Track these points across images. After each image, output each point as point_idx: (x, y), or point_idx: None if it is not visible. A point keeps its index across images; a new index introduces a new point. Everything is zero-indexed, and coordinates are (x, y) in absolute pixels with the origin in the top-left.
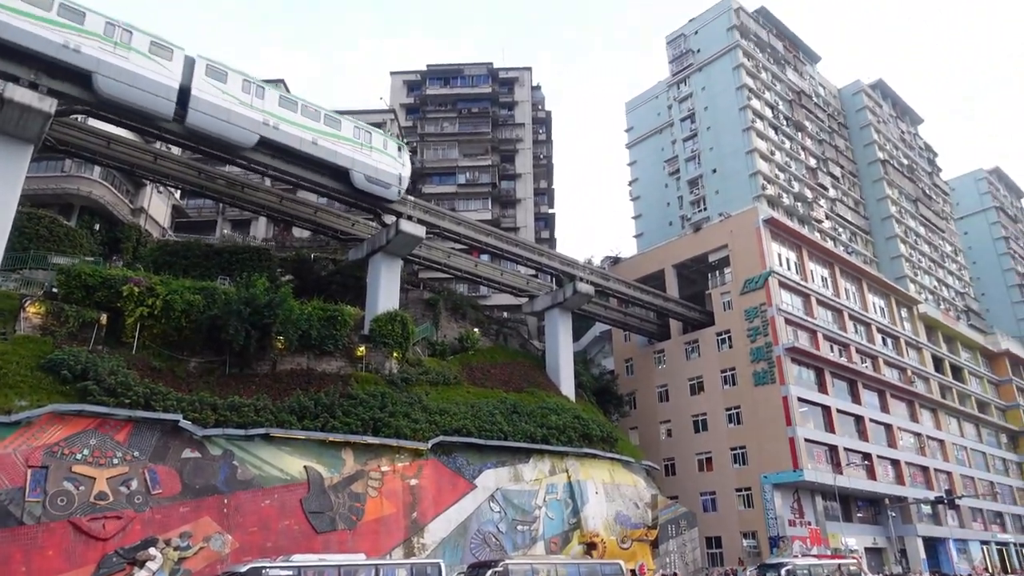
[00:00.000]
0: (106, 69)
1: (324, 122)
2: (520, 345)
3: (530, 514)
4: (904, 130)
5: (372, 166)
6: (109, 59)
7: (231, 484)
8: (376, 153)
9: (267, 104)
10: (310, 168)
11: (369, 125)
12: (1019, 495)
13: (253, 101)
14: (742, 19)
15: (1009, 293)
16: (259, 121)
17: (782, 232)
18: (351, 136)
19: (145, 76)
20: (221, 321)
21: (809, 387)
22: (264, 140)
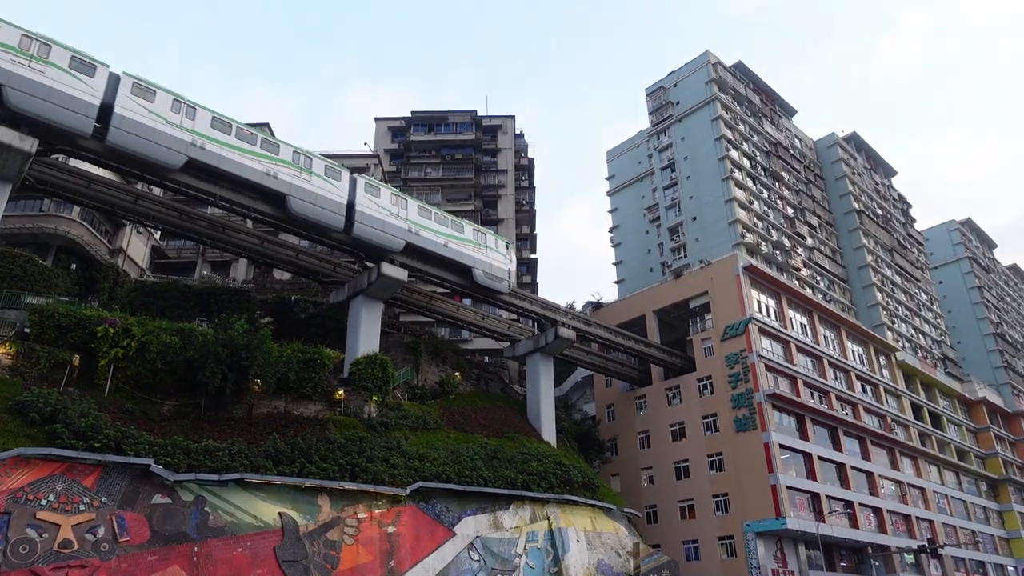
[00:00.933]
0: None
1: (451, 227)
2: (501, 389)
3: (510, 563)
4: (878, 181)
5: (489, 263)
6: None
7: (202, 531)
8: (491, 252)
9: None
10: (444, 267)
11: (484, 228)
12: (1001, 545)
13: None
14: (720, 73)
15: (984, 342)
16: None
17: (761, 280)
18: (471, 238)
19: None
20: (197, 363)
21: (790, 434)
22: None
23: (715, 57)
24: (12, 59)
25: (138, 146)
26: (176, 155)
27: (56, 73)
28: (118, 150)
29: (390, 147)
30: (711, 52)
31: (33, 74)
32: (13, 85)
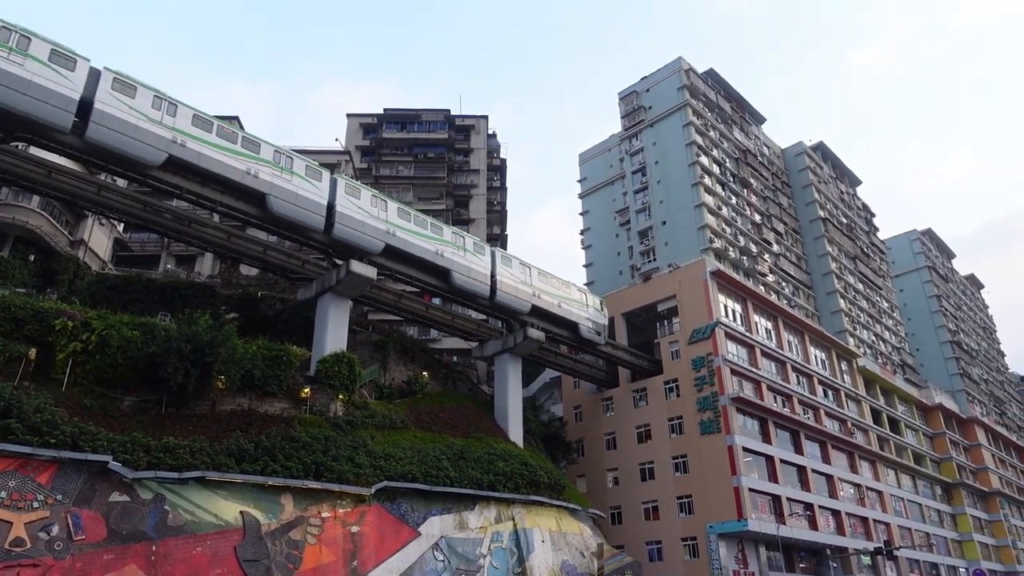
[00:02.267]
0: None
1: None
2: (469, 389)
3: (475, 563)
4: (843, 190)
5: (595, 320)
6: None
7: (161, 530)
8: (592, 310)
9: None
10: (556, 323)
11: (582, 286)
12: (953, 547)
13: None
14: (692, 79)
15: (941, 349)
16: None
17: (728, 284)
18: (578, 298)
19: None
20: (160, 358)
21: (754, 437)
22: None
23: (687, 63)
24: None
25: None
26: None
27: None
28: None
29: (362, 144)
30: (683, 58)
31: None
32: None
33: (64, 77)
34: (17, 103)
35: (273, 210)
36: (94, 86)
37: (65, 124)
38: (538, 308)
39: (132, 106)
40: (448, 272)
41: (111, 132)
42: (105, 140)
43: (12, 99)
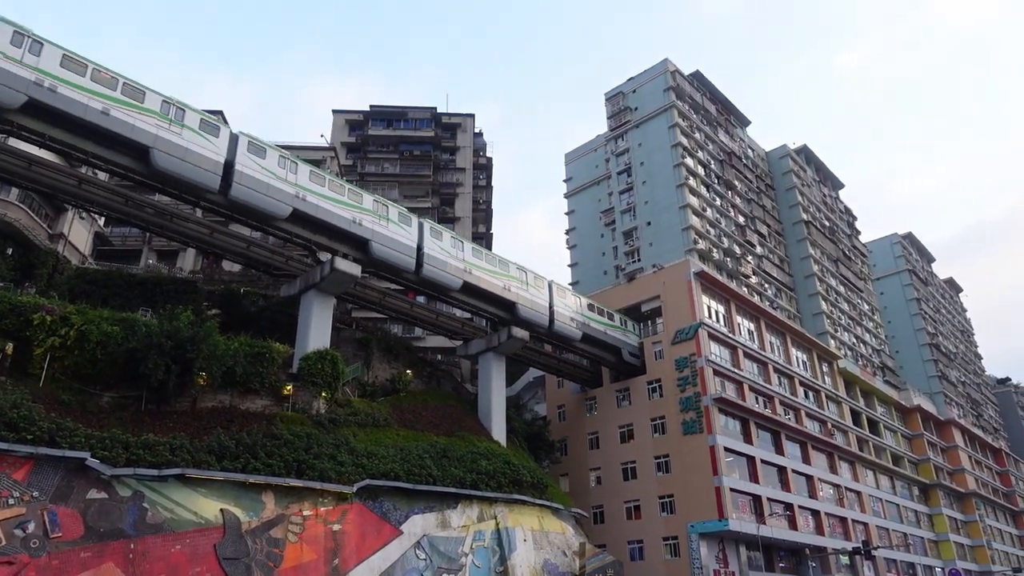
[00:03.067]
0: None
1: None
2: (453, 388)
3: (456, 561)
4: (826, 194)
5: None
6: None
7: (139, 528)
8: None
9: (43, 62)
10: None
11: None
12: (930, 547)
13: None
14: (678, 81)
15: (921, 351)
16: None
17: (712, 286)
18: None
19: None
20: (140, 354)
21: (735, 437)
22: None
23: (674, 65)
24: None
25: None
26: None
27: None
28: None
29: (347, 140)
30: (670, 60)
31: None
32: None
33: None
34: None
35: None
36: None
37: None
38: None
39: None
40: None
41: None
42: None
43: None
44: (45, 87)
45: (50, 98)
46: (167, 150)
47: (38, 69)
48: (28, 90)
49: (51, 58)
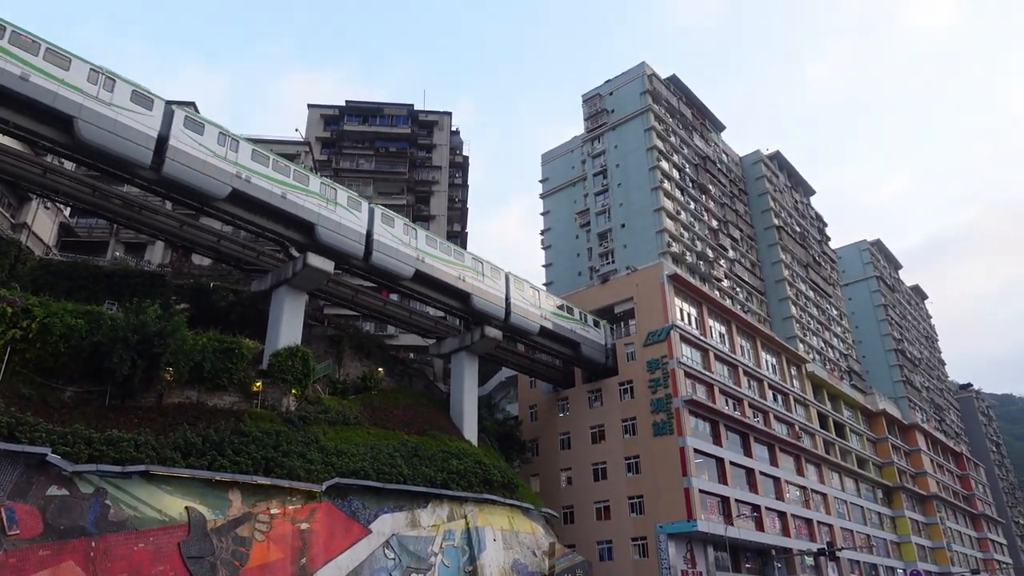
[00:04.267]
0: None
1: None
2: (425, 387)
3: (426, 561)
4: (798, 200)
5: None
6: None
7: (101, 525)
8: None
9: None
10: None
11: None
12: (892, 548)
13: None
14: (655, 85)
15: (887, 357)
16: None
17: (684, 288)
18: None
19: None
20: (105, 348)
21: (705, 439)
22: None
23: (651, 69)
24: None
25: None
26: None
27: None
28: None
29: (322, 135)
30: (647, 63)
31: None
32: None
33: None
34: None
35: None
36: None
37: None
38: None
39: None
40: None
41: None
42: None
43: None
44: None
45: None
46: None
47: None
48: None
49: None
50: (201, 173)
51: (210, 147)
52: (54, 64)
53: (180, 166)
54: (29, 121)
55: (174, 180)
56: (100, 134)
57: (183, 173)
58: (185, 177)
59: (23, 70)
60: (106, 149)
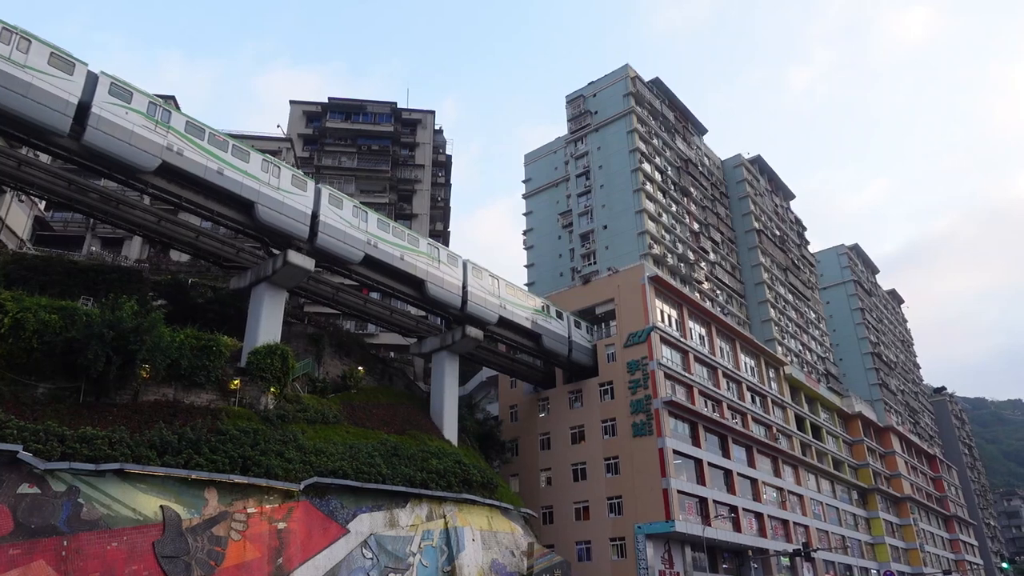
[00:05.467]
0: None
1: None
2: (405, 386)
3: (404, 561)
4: (778, 204)
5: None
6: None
7: (74, 524)
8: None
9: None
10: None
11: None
12: (867, 549)
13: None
14: (638, 87)
15: (863, 360)
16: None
17: (665, 290)
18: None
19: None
20: (79, 344)
21: (684, 440)
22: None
23: (634, 71)
24: None
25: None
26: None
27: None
28: None
29: (304, 132)
30: (630, 66)
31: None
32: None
33: None
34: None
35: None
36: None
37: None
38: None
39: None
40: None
41: None
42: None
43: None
44: None
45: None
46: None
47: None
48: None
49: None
50: (127, 144)
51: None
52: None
53: (103, 135)
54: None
55: (96, 150)
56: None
57: (107, 143)
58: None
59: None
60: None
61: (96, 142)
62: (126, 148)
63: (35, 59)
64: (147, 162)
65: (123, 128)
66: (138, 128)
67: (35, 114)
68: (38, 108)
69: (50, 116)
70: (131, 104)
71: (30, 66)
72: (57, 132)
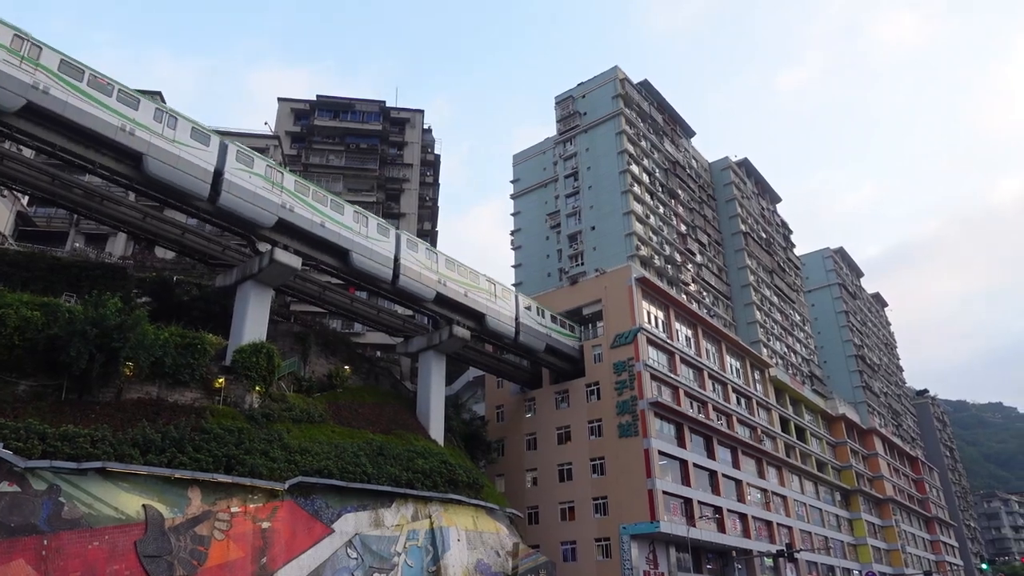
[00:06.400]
0: None
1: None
2: (392, 385)
3: (388, 561)
4: (764, 207)
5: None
6: None
7: (54, 523)
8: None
9: None
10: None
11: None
12: (849, 550)
13: None
14: (627, 89)
15: (847, 362)
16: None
17: (652, 291)
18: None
19: None
20: (61, 341)
21: (670, 441)
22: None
23: (623, 73)
24: None
25: None
26: None
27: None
28: None
29: (292, 130)
30: (619, 68)
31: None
32: None
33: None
34: None
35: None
36: None
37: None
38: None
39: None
40: (141, 157)
41: None
42: None
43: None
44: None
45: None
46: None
47: None
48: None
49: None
50: (252, 204)
51: (260, 180)
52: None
53: (235, 198)
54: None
55: (228, 210)
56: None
57: (237, 205)
58: (238, 208)
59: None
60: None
61: (229, 204)
62: (250, 207)
63: (181, 134)
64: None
65: (249, 191)
66: (260, 190)
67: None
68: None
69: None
70: (253, 168)
71: (179, 140)
72: (198, 196)
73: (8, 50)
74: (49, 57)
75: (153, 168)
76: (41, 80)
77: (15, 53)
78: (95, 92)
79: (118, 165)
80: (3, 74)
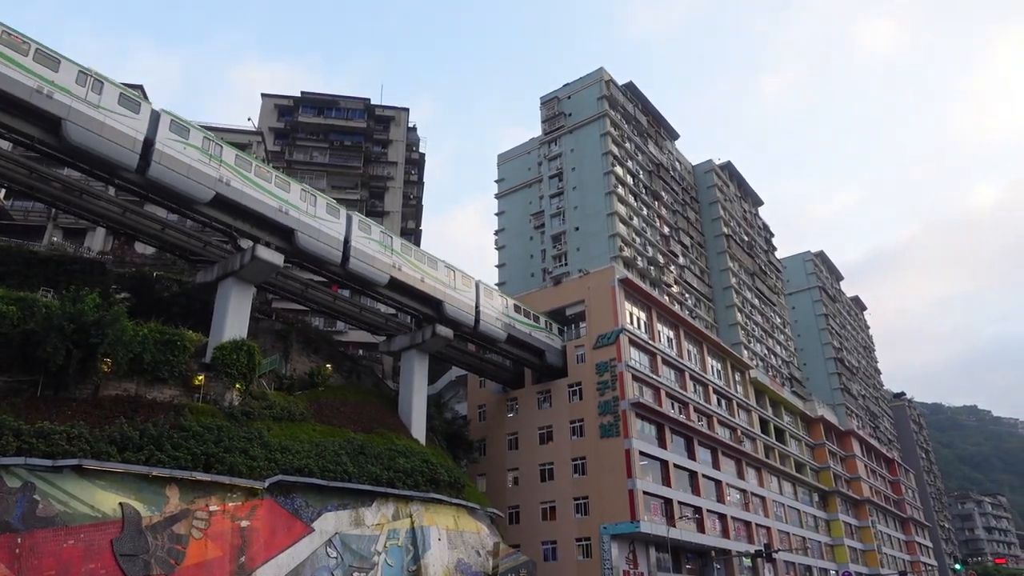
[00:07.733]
0: None
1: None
2: (374, 384)
3: (369, 560)
4: (746, 209)
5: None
6: None
7: (28, 521)
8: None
9: None
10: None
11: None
12: (826, 551)
13: None
14: (612, 91)
15: (826, 365)
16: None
17: (635, 293)
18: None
19: None
20: (38, 337)
21: (651, 441)
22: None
23: (608, 75)
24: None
25: None
26: None
27: None
28: None
29: (275, 126)
30: (605, 69)
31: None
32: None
33: None
34: None
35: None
36: None
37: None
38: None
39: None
40: (60, 122)
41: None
42: None
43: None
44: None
45: None
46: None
47: None
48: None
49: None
50: (186, 177)
51: (195, 152)
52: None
53: (166, 170)
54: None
55: (159, 183)
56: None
57: (169, 176)
58: (169, 180)
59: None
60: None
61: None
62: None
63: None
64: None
65: (183, 163)
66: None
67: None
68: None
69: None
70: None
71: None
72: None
73: (200, 151)
74: (228, 154)
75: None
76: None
77: (205, 153)
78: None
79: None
80: (199, 171)
